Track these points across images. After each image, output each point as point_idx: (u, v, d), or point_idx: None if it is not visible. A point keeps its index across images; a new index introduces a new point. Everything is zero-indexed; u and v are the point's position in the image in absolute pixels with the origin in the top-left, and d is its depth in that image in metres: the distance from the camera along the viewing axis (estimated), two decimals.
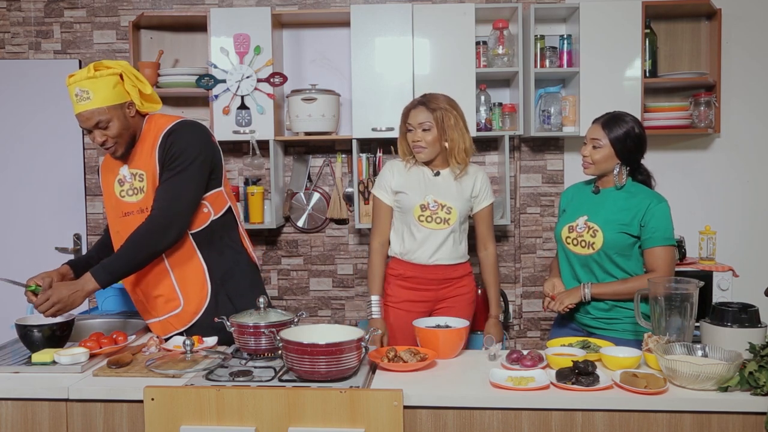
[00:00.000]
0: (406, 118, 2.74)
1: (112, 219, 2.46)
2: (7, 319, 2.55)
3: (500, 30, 3.56)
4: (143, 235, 2.28)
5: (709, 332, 2.09)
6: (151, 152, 2.37)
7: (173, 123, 2.39)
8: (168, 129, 2.37)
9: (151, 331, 2.51)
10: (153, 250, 2.31)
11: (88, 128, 2.32)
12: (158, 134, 2.37)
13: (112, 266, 2.27)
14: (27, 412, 1.97)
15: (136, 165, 2.40)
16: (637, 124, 2.46)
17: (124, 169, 2.42)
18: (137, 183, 2.39)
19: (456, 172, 2.74)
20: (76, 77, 2.28)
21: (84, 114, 2.29)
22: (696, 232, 3.49)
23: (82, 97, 2.27)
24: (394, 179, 2.76)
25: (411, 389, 1.88)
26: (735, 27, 3.75)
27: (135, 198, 2.39)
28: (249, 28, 3.53)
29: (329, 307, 3.97)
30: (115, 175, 2.44)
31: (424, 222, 2.71)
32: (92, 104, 2.28)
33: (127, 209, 2.40)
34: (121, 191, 2.42)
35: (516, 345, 3.90)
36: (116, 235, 2.44)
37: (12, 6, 3.89)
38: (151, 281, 2.42)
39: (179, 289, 2.41)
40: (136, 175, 2.39)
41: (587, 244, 2.46)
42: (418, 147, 2.69)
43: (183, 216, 2.35)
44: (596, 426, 1.85)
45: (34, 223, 3.91)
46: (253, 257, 2.61)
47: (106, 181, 2.48)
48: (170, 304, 2.42)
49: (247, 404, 1.84)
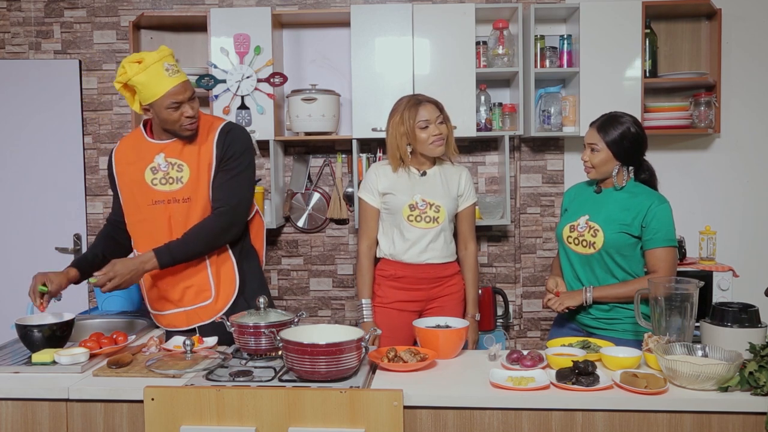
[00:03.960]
0: (416, 114, 2.71)
1: (135, 207, 2.46)
2: (7, 319, 2.55)
3: (500, 30, 3.57)
4: (211, 229, 2.38)
5: (709, 332, 2.09)
6: (199, 145, 2.42)
7: (225, 122, 2.48)
8: (224, 127, 2.45)
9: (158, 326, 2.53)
10: (214, 244, 2.42)
11: (182, 100, 2.34)
12: (209, 129, 2.44)
13: (176, 250, 2.35)
14: (27, 412, 1.97)
15: (176, 155, 2.43)
16: (633, 123, 2.46)
17: (160, 157, 2.43)
18: (174, 173, 2.42)
19: (443, 171, 2.78)
20: (162, 53, 2.31)
21: (183, 83, 2.33)
22: (696, 232, 3.49)
23: (174, 70, 2.33)
24: (380, 181, 2.77)
25: (411, 389, 1.88)
26: (735, 27, 3.75)
27: (169, 187, 2.41)
28: (249, 28, 3.53)
29: (329, 307, 3.97)
30: (145, 163, 2.44)
31: (414, 221, 2.71)
32: (184, 76, 2.35)
33: (159, 197, 2.42)
34: (153, 179, 2.43)
35: (516, 345, 3.90)
36: (140, 223, 2.45)
37: (12, 6, 3.89)
38: (188, 272, 2.44)
39: (213, 282, 2.45)
40: (174, 165, 2.42)
41: (588, 243, 2.46)
42: (440, 140, 2.71)
43: (244, 216, 2.50)
44: (596, 426, 1.85)
45: (34, 223, 3.91)
46: (262, 261, 2.69)
47: (128, 170, 2.46)
48: (202, 295, 2.45)
49: (247, 404, 1.84)
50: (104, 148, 3.92)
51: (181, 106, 2.34)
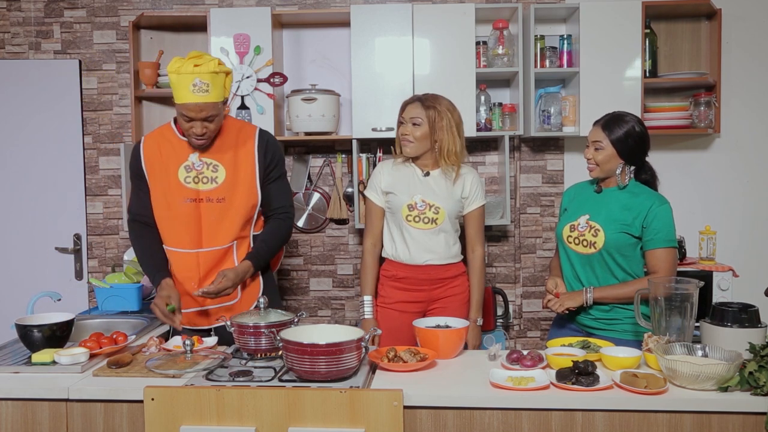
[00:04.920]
0: (402, 111, 2.76)
1: (165, 204, 2.49)
2: (7, 319, 2.55)
3: (500, 30, 3.56)
4: (284, 231, 2.59)
5: (709, 332, 2.09)
6: (235, 148, 2.49)
7: (258, 127, 2.60)
8: (261, 132, 2.57)
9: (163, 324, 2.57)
10: (283, 245, 2.66)
11: (196, 119, 2.37)
12: (244, 133, 2.52)
13: (266, 256, 2.54)
14: (27, 412, 1.97)
15: (212, 155, 2.49)
16: (637, 122, 2.46)
17: (194, 156, 2.49)
18: (208, 172, 2.48)
19: (448, 174, 2.74)
20: (201, 68, 2.32)
21: (200, 105, 2.35)
22: (696, 232, 3.49)
23: (201, 89, 2.34)
24: (383, 180, 2.77)
25: (411, 389, 1.88)
26: (735, 27, 3.75)
27: (203, 186, 2.48)
28: (249, 28, 3.53)
29: (329, 307, 3.97)
30: (178, 160, 2.49)
31: (412, 222, 2.71)
32: (209, 98, 2.36)
33: (191, 195, 2.47)
34: (186, 177, 2.48)
35: (516, 345, 3.90)
36: (170, 220, 2.49)
37: (12, 6, 3.89)
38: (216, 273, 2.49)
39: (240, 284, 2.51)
40: (209, 165, 2.48)
41: (588, 243, 2.46)
42: (405, 140, 2.72)
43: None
44: (596, 426, 1.85)
45: (34, 223, 3.91)
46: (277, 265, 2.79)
47: (159, 167, 2.50)
48: (226, 296, 2.48)
49: (247, 404, 1.84)
50: (104, 148, 3.91)
51: (192, 121, 2.38)
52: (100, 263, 3.93)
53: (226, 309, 2.51)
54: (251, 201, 2.52)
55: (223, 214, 2.47)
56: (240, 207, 2.49)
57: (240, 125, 2.58)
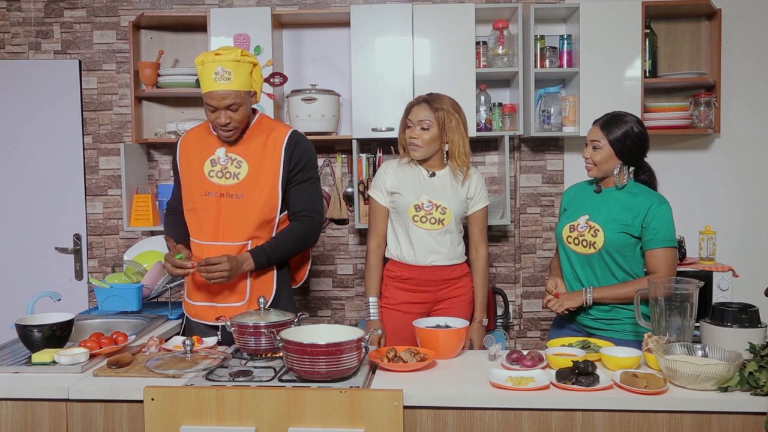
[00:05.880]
0: (407, 113, 2.74)
1: (189, 196, 2.52)
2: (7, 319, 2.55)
3: (500, 30, 3.57)
4: (300, 233, 2.50)
5: (709, 332, 2.09)
6: (263, 146, 2.48)
7: (292, 129, 2.55)
8: (292, 135, 2.52)
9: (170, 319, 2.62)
10: (300, 249, 2.55)
11: (218, 107, 2.38)
12: (276, 133, 2.50)
13: (271, 254, 2.45)
14: (27, 412, 1.97)
15: (238, 151, 2.49)
16: (637, 123, 2.46)
17: (221, 150, 2.50)
18: (232, 168, 2.48)
19: (456, 174, 2.74)
20: (222, 57, 2.35)
21: (221, 93, 2.36)
22: (696, 232, 3.49)
23: (223, 77, 2.35)
24: (389, 180, 2.76)
25: (411, 389, 1.88)
26: (735, 27, 3.75)
27: (225, 181, 2.47)
28: (249, 28, 3.53)
29: (329, 307, 3.97)
30: (206, 154, 2.51)
31: (419, 222, 2.70)
32: (232, 86, 2.36)
33: (212, 189, 2.47)
34: (210, 171, 2.49)
35: (516, 345, 3.90)
36: (191, 212, 2.52)
37: (12, 6, 3.89)
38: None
39: (249, 287, 2.49)
40: (234, 161, 2.48)
41: (588, 243, 2.46)
42: (414, 145, 2.70)
43: (322, 223, 2.60)
44: (596, 426, 1.85)
45: (34, 223, 3.91)
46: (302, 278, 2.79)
47: (190, 160, 2.53)
48: (234, 296, 2.49)
49: (247, 404, 1.84)
50: (104, 148, 3.92)
51: (216, 110, 2.39)
52: (100, 263, 3.93)
53: (232, 309, 2.47)
54: (271, 201, 2.47)
55: (240, 211, 2.45)
56: (257, 205, 2.45)
57: (274, 125, 2.56)
